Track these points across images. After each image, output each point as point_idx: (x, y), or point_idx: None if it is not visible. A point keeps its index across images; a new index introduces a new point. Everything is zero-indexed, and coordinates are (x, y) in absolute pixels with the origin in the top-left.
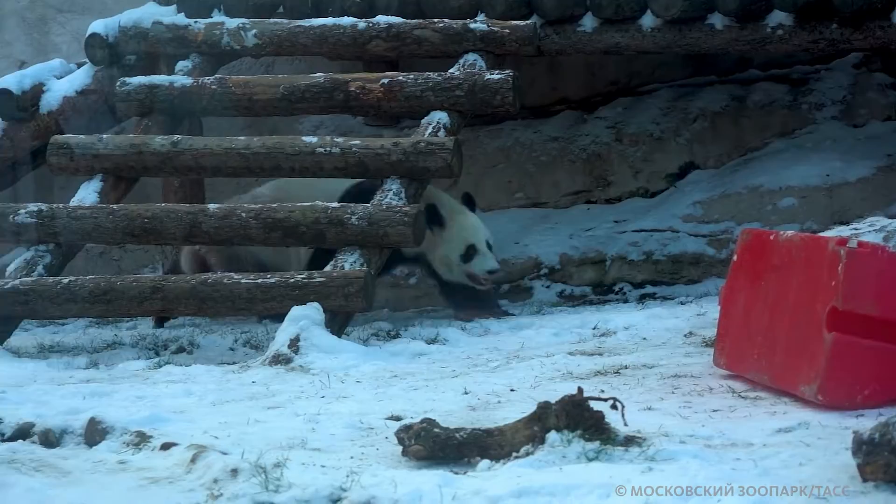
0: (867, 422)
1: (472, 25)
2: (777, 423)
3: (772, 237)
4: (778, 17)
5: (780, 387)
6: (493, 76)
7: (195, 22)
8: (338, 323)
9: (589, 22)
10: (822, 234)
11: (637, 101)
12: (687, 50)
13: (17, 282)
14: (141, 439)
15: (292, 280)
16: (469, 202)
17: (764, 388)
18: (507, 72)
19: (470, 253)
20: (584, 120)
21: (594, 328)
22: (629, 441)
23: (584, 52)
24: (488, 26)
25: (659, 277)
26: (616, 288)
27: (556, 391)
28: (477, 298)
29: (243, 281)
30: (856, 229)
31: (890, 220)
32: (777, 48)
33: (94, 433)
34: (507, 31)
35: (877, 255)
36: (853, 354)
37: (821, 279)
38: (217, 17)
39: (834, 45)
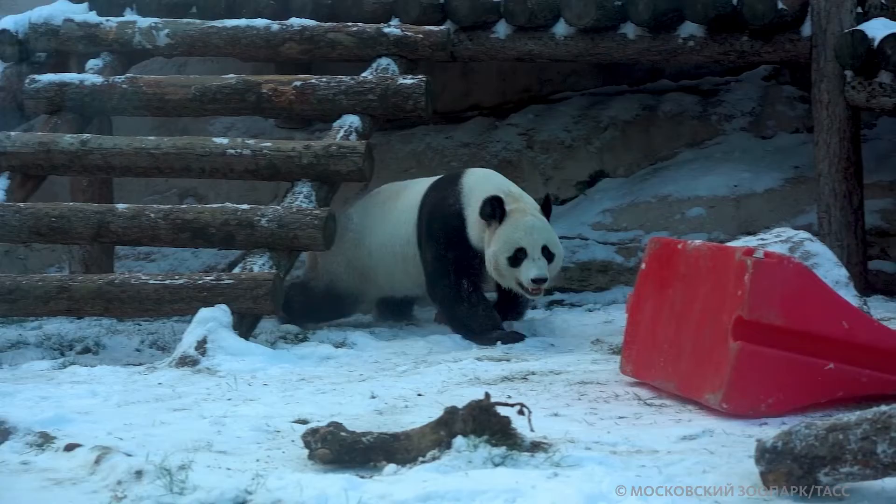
0: (770, 430)
1: (386, 30)
2: (682, 431)
3: (679, 246)
4: (689, 29)
5: (685, 395)
6: (405, 81)
7: (107, 20)
8: (246, 325)
9: (502, 29)
10: (729, 245)
11: (549, 109)
12: (599, 59)
13: None
14: (45, 440)
15: (200, 282)
16: (546, 205)
17: (670, 395)
18: (420, 77)
19: (519, 257)
20: (496, 126)
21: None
22: (535, 447)
23: (497, 58)
24: (402, 31)
25: (567, 284)
26: None
27: (464, 396)
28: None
29: (151, 282)
30: (762, 240)
31: (796, 232)
32: (688, 59)
33: None
34: (420, 36)
35: (783, 266)
36: (758, 363)
37: (727, 289)
38: (129, 16)
39: (744, 57)
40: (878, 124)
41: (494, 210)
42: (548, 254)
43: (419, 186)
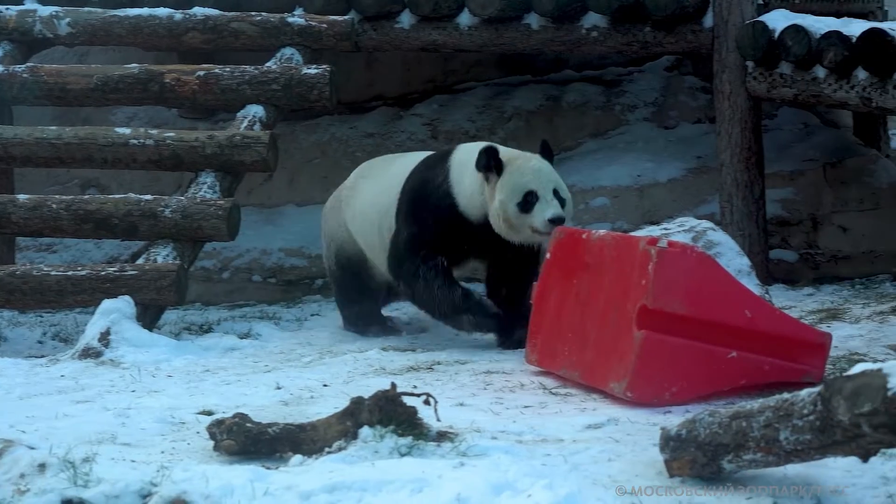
0: (674, 418)
1: (290, 19)
2: (587, 420)
3: (584, 236)
4: (593, 19)
5: (590, 383)
6: (310, 71)
7: (7, 8)
8: (149, 317)
9: (407, 19)
10: (633, 234)
11: (453, 99)
12: (503, 49)
13: None
14: None
15: (103, 273)
16: (546, 150)
17: (575, 384)
18: (324, 67)
19: (529, 201)
20: (401, 116)
21: (407, 323)
22: (441, 436)
23: (402, 48)
24: (306, 21)
25: (472, 275)
26: None
27: (370, 386)
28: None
29: (53, 273)
30: (666, 229)
31: (698, 221)
32: (592, 49)
33: None
34: (324, 26)
35: (686, 255)
36: (661, 352)
37: (631, 278)
38: (30, 5)
39: (647, 47)
40: (779, 114)
41: (489, 161)
42: (559, 198)
43: (411, 159)
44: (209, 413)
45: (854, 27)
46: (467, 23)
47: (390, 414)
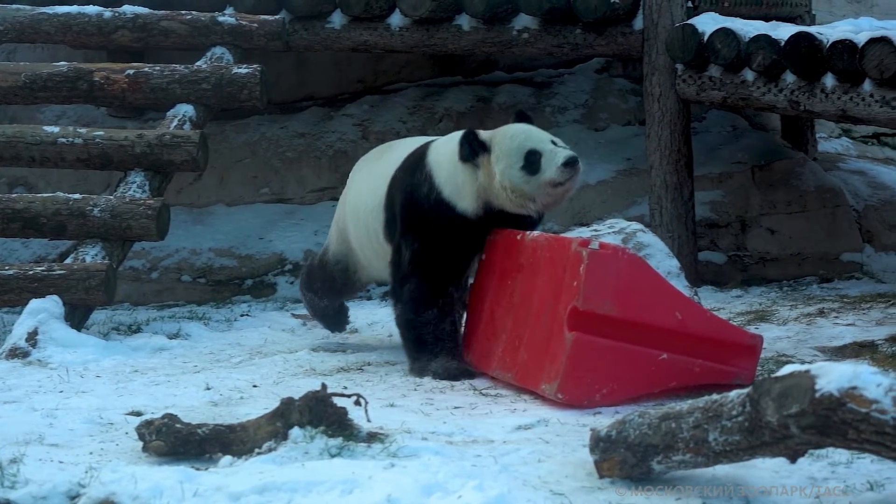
0: (604, 419)
1: (221, 18)
2: (517, 420)
3: (518, 237)
4: (524, 21)
5: (523, 385)
6: (240, 70)
7: None
8: (78, 317)
9: (338, 19)
10: (564, 235)
11: (384, 100)
12: (435, 50)
13: None
14: None
15: (31, 272)
16: (523, 117)
17: (506, 385)
18: (254, 66)
19: (532, 160)
20: (331, 117)
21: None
22: (372, 437)
23: (333, 49)
24: (236, 20)
25: None
26: None
27: (300, 387)
28: None
29: None
30: (596, 231)
31: (628, 223)
32: (523, 51)
33: None
34: (255, 25)
35: (617, 257)
36: (592, 353)
37: (563, 279)
38: None
39: (578, 49)
40: (707, 117)
41: (473, 144)
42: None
43: (395, 156)
44: (138, 414)
45: (782, 31)
46: (398, 23)
47: (320, 415)
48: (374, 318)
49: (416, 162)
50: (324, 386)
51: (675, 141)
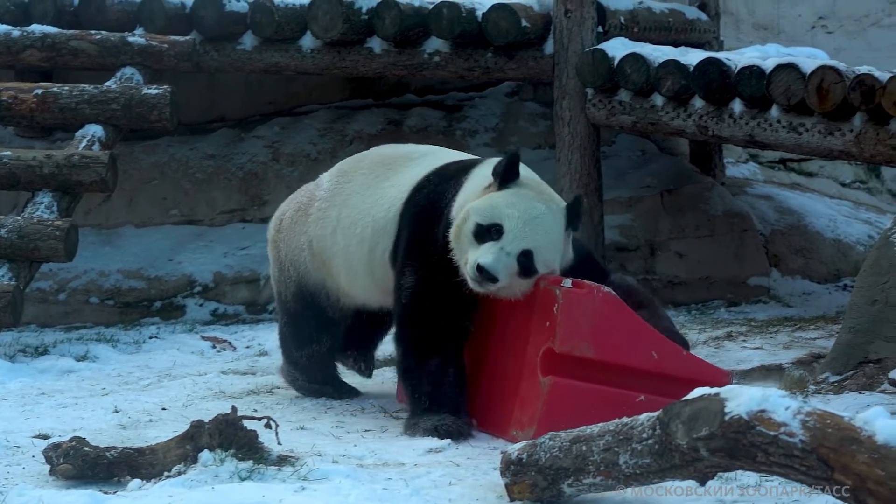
0: (515, 442)
1: (130, 39)
2: (428, 443)
3: None
4: (435, 44)
5: (487, 430)
6: (150, 91)
7: None
8: None
9: (249, 41)
10: None
11: (295, 122)
12: (346, 72)
13: None
14: None
15: None
16: (574, 209)
17: None
18: (164, 87)
19: (488, 232)
20: (242, 138)
21: (247, 347)
22: (282, 460)
23: (244, 70)
24: (147, 40)
25: None
26: (270, 307)
27: (209, 410)
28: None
29: None
30: None
31: None
32: (434, 74)
33: None
34: (165, 45)
35: (593, 296)
36: (569, 398)
37: (532, 319)
38: None
39: (489, 73)
40: (617, 141)
41: (509, 168)
42: (526, 262)
43: (423, 161)
44: (45, 437)
45: (691, 56)
46: (310, 45)
47: (230, 438)
48: None
49: (460, 170)
50: (234, 409)
51: (584, 165)
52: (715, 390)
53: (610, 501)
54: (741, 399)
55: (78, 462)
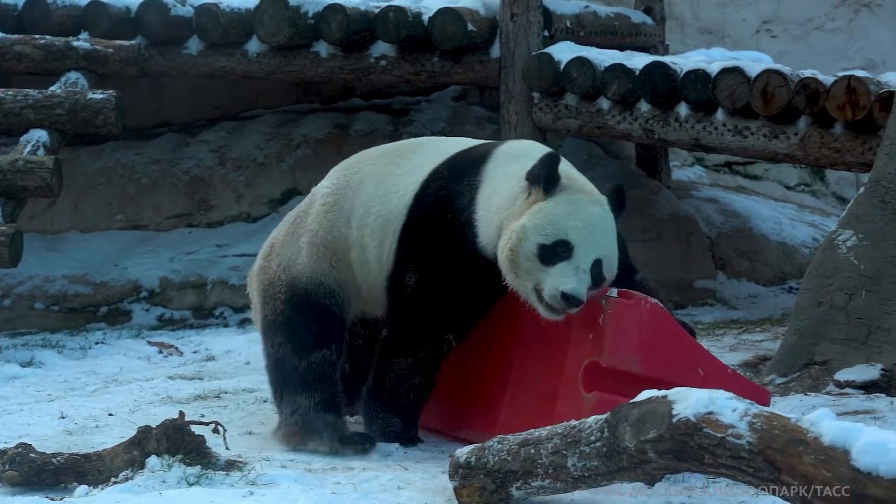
0: (464, 445)
1: (75, 43)
2: (377, 447)
3: None
4: (381, 48)
5: None
6: (95, 96)
7: None
8: None
9: (195, 45)
10: None
11: (241, 126)
12: (292, 77)
13: None
14: None
15: None
16: (619, 198)
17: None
18: (110, 92)
19: (557, 252)
20: (188, 143)
21: (194, 352)
22: (230, 465)
23: (190, 74)
24: (91, 45)
25: None
26: (217, 312)
27: (157, 415)
28: None
29: None
30: None
31: None
32: (380, 78)
33: None
34: (110, 50)
35: (640, 307)
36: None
37: (571, 331)
38: None
39: (435, 77)
40: (563, 145)
41: (551, 173)
42: (597, 273)
43: (436, 148)
44: None
45: (637, 60)
46: (256, 50)
47: (178, 443)
48: (231, 346)
49: (473, 162)
50: (181, 414)
51: None
52: (662, 393)
53: None
54: (688, 401)
55: (24, 469)
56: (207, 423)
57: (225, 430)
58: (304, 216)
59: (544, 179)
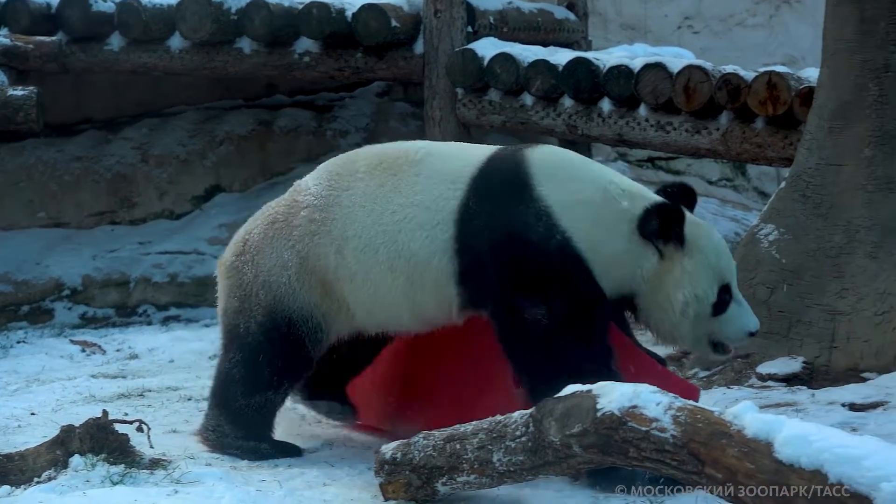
0: (390, 441)
1: None
2: (302, 444)
3: None
4: (305, 45)
5: None
6: (15, 92)
7: None
8: None
9: (117, 41)
10: None
11: (164, 123)
12: (215, 73)
13: None
14: None
15: None
16: (689, 197)
17: (292, 408)
18: (30, 88)
19: (723, 299)
20: (110, 140)
21: (117, 350)
22: (155, 464)
23: (112, 71)
24: (11, 41)
25: (184, 300)
26: (140, 310)
27: (80, 415)
28: None
29: None
30: None
31: None
32: (304, 74)
33: None
34: (31, 46)
35: None
36: None
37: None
38: None
39: (359, 73)
40: (487, 141)
41: (681, 230)
42: None
43: (430, 170)
44: None
45: (560, 56)
46: (178, 46)
47: (102, 442)
48: (155, 344)
49: (515, 191)
50: (105, 412)
51: None
52: (587, 387)
53: (484, 498)
54: (613, 395)
55: None
56: (131, 422)
57: (149, 429)
58: (285, 219)
59: (676, 238)
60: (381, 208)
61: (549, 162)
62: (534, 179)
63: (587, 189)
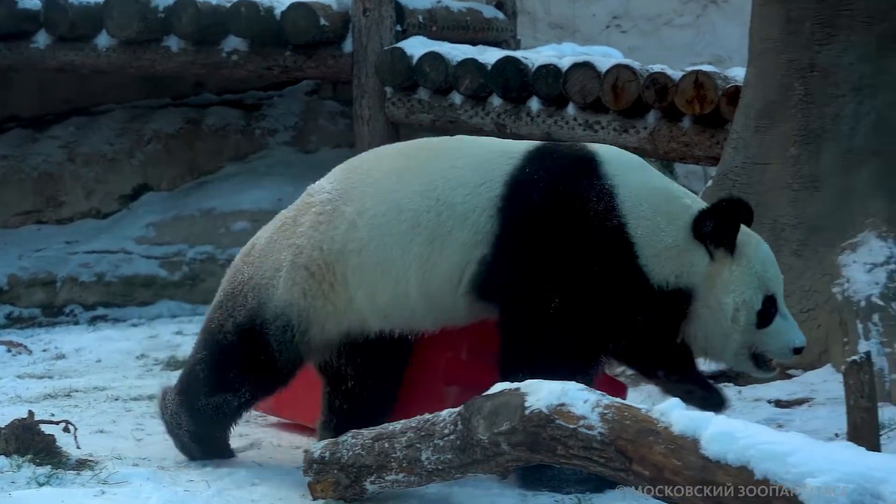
0: (317, 441)
1: None
2: (231, 444)
3: None
4: (233, 43)
5: None
6: None
7: None
8: None
9: (43, 39)
10: None
11: (91, 121)
12: (143, 71)
13: None
14: None
15: None
16: (747, 214)
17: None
18: None
19: (769, 310)
20: (36, 139)
21: (44, 350)
22: (82, 464)
23: (38, 69)
24: None
25: (111, 299)
26: (67, 310)
27: (5, 415)
28: None
29: None
30: None
31: None
32: (233, 73)
33: None
34: None
35: None
36: None
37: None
38: None
39: (288, 72)
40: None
41: (734, 236)
42: None
43: (507, 144)
44: None
45: (489, 55)
46: (105, 44)
47: (27, 443)
48: (82, 344)
49: (581, 167)
50: (30, 413)
51: None
52: (515, 385)
53: (412, 497)
54: (541, 393)
55: None
56: (58, 422)
57: (76, 429)
58: (293, 220)
59: (728, 244)
60: (413, 175)
61: (614, 150)
62: (601, 158)
63: (655, 179)
